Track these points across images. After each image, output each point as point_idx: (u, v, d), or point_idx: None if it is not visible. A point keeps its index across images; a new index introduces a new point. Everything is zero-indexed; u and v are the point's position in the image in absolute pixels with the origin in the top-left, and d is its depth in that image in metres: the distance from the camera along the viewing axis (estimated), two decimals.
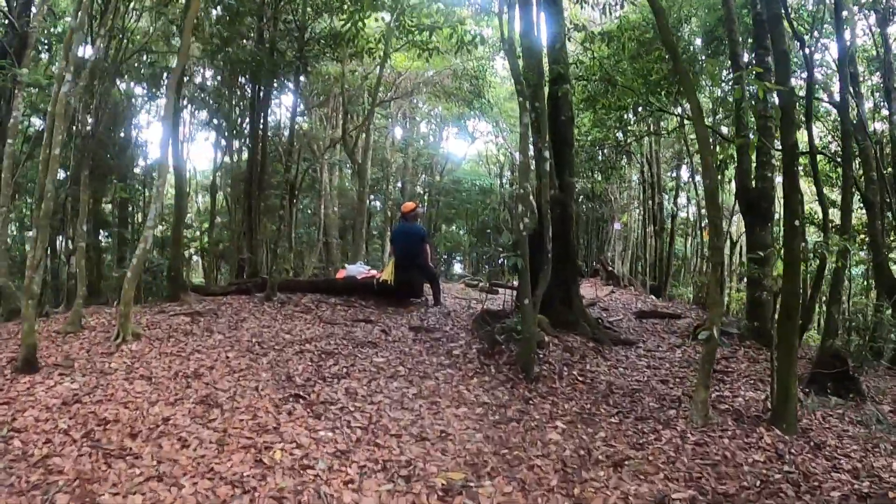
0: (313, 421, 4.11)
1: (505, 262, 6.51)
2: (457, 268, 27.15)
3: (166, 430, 3.78)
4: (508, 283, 10.57)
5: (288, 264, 13.41)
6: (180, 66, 6.68)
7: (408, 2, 10.62)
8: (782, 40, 5.18)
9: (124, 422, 3.86)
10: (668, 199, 17.51)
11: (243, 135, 12.81)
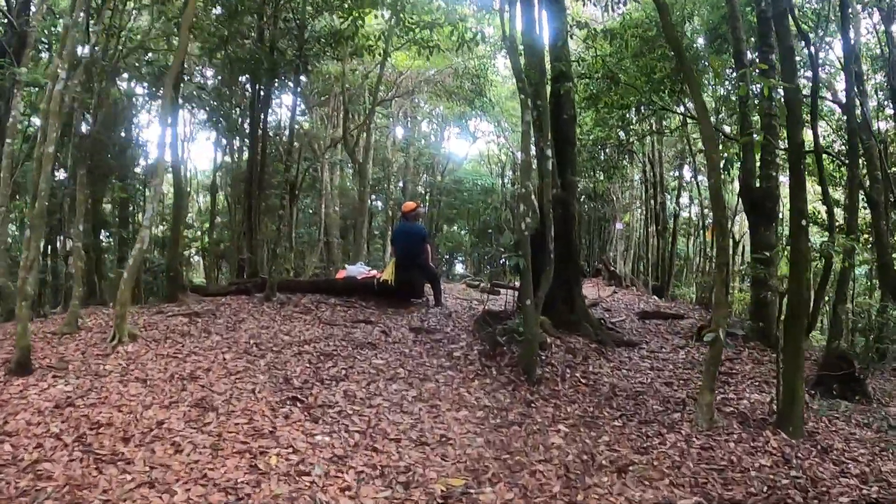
0: (310, 425, 4.04)
1: (506, 263, 6.42)
2: (458, 268, 27.09)
3: (160, 434, 3.71)
4: (510, 284, 10.46)
5: (288, 264, 13.36)
6: (177, 64, 6.62)
7: None
8: (788, 36, 5.08)
9: (117, 426, 3.78)
10: (670, 199, 17.42)
11: (243, 134, 12.75)
